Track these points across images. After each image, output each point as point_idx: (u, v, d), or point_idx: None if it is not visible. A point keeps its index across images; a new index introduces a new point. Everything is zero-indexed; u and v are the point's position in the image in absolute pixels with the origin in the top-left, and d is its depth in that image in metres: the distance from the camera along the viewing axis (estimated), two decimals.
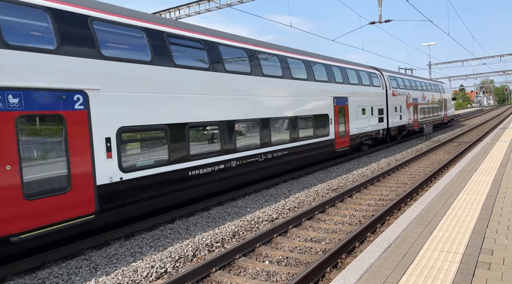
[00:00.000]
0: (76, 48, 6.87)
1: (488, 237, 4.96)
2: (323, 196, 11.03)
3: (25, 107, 6.05)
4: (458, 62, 57.18)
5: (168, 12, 22.71)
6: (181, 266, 6.51)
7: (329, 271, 5.92)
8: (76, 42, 6.90)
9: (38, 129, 6.32)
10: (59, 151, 6.50)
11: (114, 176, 7.33)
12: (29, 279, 6.05)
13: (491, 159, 11.39)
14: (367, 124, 18.88)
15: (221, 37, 10.50)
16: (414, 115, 26.01)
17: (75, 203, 6.59)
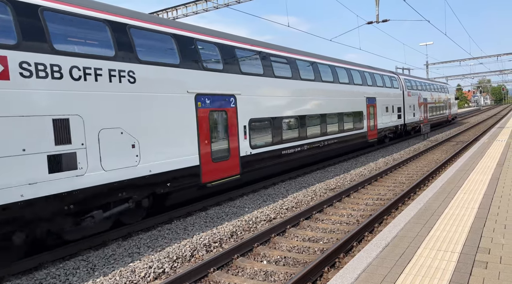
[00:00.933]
0: (231, 68, 10.49)
1: (485, 236, 4.97)
2: (321, 196, 11.04)
3: (212, 106, 9.63)
4: (455, 62, 57.33)
5: (166, 12, 22.67)
6: (179, 266, 6.51)
7: (327, 271, 5.92)
8: (231, 64, 10.56)
9: (217, 119, 9.87)
10: (225, 133, 10.13)
11: (247, 151, 10.88)
12: (26, 279, 6.03)
13: (488, 158, 11.43)
14: (389, 120, 22.14)
15: (296, 53, 14.29)
16: (424, 113, 29.25)
17: (231, 166, 10.19)
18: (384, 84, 21.77)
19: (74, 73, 6.66)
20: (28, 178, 5.97)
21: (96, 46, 7.33)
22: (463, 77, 67.66)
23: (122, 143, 7.40)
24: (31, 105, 6.08)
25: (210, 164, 9.44)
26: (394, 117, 22.93)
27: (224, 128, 10.07)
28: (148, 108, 7.97)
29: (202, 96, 9.31)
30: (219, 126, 9.96)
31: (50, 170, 6.26)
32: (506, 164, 10.15)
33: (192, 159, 8.98)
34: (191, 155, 8.96)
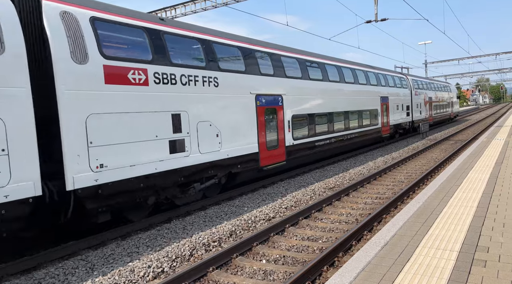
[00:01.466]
0: (279, 73, 12.57)
1: (484, 235, 4.98)
2: (320, 195, 11.04)
3: (266, 104, 11.71)
4: (454, 61, 57.33)
5: (164, 11, 22.63)
6: (178, 265, 6.50)
7: (326, 270, 5.92)
8: (279, 70, 12.58)
9: (269, 115, 11.92)
10: (275, 126, 12.21)
11: (290, 142, 12.92)
12: (25, 279, 6.02)
13: (486, 157, 11.45)
14: (400, 117, 24.17)
15: (325, 58, 16.41)
16: (429, 111, 31.36)
17: (279, 154, 12.29)
18: (395, 84, 23.84)
19: (183, 79, 8.86)
20: (159, 156, 8.21)
21: (195, 59, 9.53)
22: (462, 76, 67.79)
23: (211, 133, 9.65)
24: (160, 103, 8.27)
25: (265, 152, 11.71)
26: (404, 114, 24.90)
27: (274, 122, 12.26)
28: (226, 106, 10.18)
29: (260, 96, 11.51)
30: (271, 121, 12.13)
31: (170, 151, 8.49)
32: (505, 163, 10.17)
33: (254, 147, 11.22)
34: (253, 143, 11.18)
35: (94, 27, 7.32)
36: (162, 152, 8.25)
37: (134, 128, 7.71)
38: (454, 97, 42.90)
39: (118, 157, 7.38)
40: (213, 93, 9.74)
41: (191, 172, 9.05)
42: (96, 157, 7.01)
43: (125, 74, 7.62)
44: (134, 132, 7.71)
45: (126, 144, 7.55)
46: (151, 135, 8.02)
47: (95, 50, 7.19)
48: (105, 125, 7.20)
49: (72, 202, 6.84)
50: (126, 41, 8.08)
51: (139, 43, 8.25)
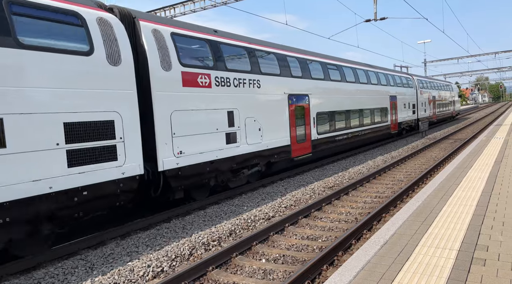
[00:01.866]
0: (305, 75, 14.16)
1: (483, 234, 4.98)
2: (319, 194, 11.05)
3: (296, 102, 13.30)
4: (453, 60, 57.34)
5: (163, 10, 22.60)
6: (178, 265, 6.50)
7: (326, 269, 5.93)
8: (306, 72, 14.22)
9: (298, 112, 13.39)
10: (303, 122, 13.76)
11: (315, 136, 14.55)
12: (24, 279, 6.01)
13: (486, 156, 11.45)
14: (406, 115, 25.73)
15: (342, 61, 18.01)
16: (433, 109, 33.09)
17: (306, 147, 13.91)
18: (402, 84, 25.52)
19: (235, 82, 10.53)
20: (218, 146, 9.92)
21: (242, 64, 11.11)
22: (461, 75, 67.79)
23: (255, 127, 11.33)
24: (219, 102, 9.94)
25: (295, 144, 13.31)
26: (410, 112, 26.55)
27: (302, 118, 13.81)
28: (265, 104, 11.81)
29: (291, 95, 13.10)
30: (300, 117, 13.64)
31: (226, 142, 10.18)
32: (504, 162, 10.18)
33: (287, 140, 12.83)
34: (286, 137, 12.75)
35: (174, 41, 9.05)
36: (221, 143, 10.05)
37: (202, 122, 9.48)
38: (456, 96, 44.91)
39: (191, 146, 9.14)
40: (256, 93, 11.49)
41: (241, 160, 10.83)
42: (177, 145, 8.81)
43: (196, 79, 9.35)
44: (202, 126, 9.48)
45: (197, 135, 9.34)
46: (213, 128, 9.80)
47: (175, 60, 8.90)
48: (183, 119, 8.95)
49: (161, 180, 8.59)
50: (195, 51, 9.89)
51: (204, 52, 10.02)
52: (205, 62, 9.89)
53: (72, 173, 6.62)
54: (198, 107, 9.35)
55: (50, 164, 6.31)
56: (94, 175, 6.96)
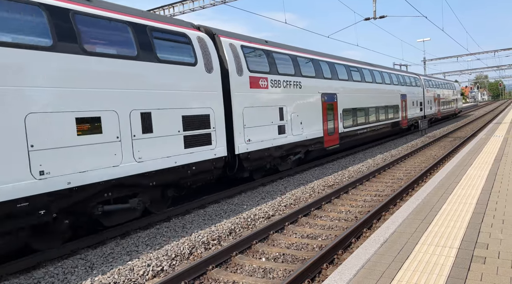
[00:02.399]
0: (334, 76, 16.24)
1: (483, 231, 4.98)
2: (319, 193, 11.04)
3: (327, 100, 15.28)
4: (452, 58, 57.28)
5: (162, 9, 22.56)
6: (178, 264, 6.50)
7: (326, 267, 5.93)
8: (334, 74, 16.25)
9: (329, 109, 15.46)
10: (333, 118, 15.81)
11: (342, 130, 16.62)
12: (24, 279, 6.01)
13: (485, 154, 11.45)
14: (415, 112, 27.77)
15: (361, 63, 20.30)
16: (438, 106, 35.35)
17: (335, 139, 15.84)
18: (411, 83, 27.69)
19: (284, 84, 12.71)
20: (273, 136, 12.13)
21: (288, 69, 13.22)
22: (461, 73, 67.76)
23: (298, 121, 13.40)
24: (273, 100, 12.19)
25: (327, 136, 15.46)
26: (417, 110, 28.62)
27: (332, 114, 15.83)
28: (305, 102, 13.92)
29: (324, 94, 15.24)
30: (330, 113, 15.69)
31: (278, 133, 12.35)
32: (504, 160, 10.18)
33: (320, 132, 15.00)
34: (320, 130, 14.91)
35: (243, 51, 11.25)
36: (274, 133, 12.22)
37: (262, 116, 11.70)
38: (458, 94, 47.38)
39: (256, 135, 11.43)
40: (298, 93, 13.58)
41: (288, 148, 12.98)
42: (247, 134, 11.09)
43: (258, 82, 11.59)
44: (262, 119, 11.69)
45: (259, 126, 11.58)
46: (269, 121, 12.00)
47: (245, 66, 11.15)
48: (250, 114, 11.22)
49: (237, 162, 10.83)
50: (257, 59, 11.99)
51: (263, 60, 12.16)
52: (264, 68, 12.09)
53: (187, 152, 8.95)
54: (259, 104, 11.67)
55: (175, 145, 8.62)
56: (199, 155, 9.29)
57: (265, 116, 11.82)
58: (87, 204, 7.03)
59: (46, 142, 6.24)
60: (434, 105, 33.62)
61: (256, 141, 11.38)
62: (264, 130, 11.75)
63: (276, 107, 12.32)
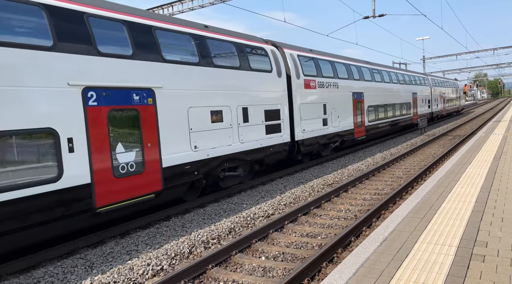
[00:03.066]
0: (362, 77, 19.12)
1: (482, 230, 4.99)
2: (318, 191, 11.05)
3: (356, 98, 18.24)
4: (451, 56, 57.31)
5: (161, 8, 22.53)
6: (177, 263, 6.50)
7: (325, 266, 5.93)
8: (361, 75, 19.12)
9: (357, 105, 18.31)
10: (360, 113, 18.45)
11: (367, 123, 19.21)
12: (24, 278, 6.01)
13: (485, 152, 11.46)
14: (423, 109, 30.57)
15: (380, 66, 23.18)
16: (443, 104, 38.41)
17: (362, 131, 18.57)
18: (420, 83, 30.47)
19: (326, 85, 15.50)
20: (319, 127, 14.91)
21: (329, 72, 16.10)
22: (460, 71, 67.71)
23: (335, 115, 16.25)
24: (319, 98, 14.95)
25: (356, 128, 18.15)
26: (426, 107, 31.43)
27: (359, 109, 18.56)
28: (340, 99, 16.67)
29: (354, 93, 18.08)
30: (358, 108, 18.38)
31: (322, 125, 15.13)
32: (503, 158, 10.18)
33: (351, 125, 17.67)
34: (351, 123, 17.64)
35: (299, 60, 14.18)
36: (320, 125, 15.05)
37: (311, 111, 14.47)
38: (461, 92, 50.50)
39: (308, 126, 14.22)
40: (336, 92, 16.37)
41: (329, 137, 15.86)
42: (302, 125, 13.87)
43: (309, 83, 14.47)
44: (311, 113, 14.50)
45: (310, 119, 14.38)
46: (316, 115, 14.85)
47: (301, 71, 14.00)
48: (304, 109, 14.07)
49: (296, 147, 13.69)
50: (308, 65, 14.79)
51: (312, 66, 15.00)
52: (313, 72, 14.89)
53: (267, 137, 11.86)
54: (310, 101, 14.48)
55: (260, 132, 11.55)
56: (274, 139, 12.16)
57: (313, 111, 14.68)
58: (215, 170, 9.96)
59: (197, 127, 9.24)
60: (440, 103, 36.57)
61: (308, 130, 14.33)
62: (313, 122, 14.63)
63: (321, 104, 15.24)
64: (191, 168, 9.04)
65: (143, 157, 7.84)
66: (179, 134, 8.74)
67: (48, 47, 6.37)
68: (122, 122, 7.58)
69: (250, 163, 11.44)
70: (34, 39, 6.29)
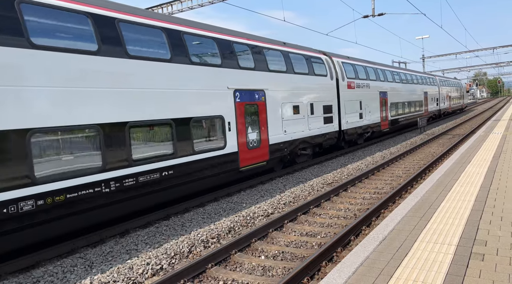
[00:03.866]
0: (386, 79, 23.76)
1: (481, 228, 4.99)
2: (318, 191, 11.05)
3: (382, 96, 22.20)
4: (451, 55, 57.30)
5: (161, 7, 22.48)
6: (177, 262, 6.50)
7: (325, 265, 5.93)
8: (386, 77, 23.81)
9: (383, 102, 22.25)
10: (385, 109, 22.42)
11: (390, 118, 22.95)
12: (23, 278, 6.01)
13: (484, 151, 11.46)
14: (433, 106, 34.40)
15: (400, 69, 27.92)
16: (449, 102, 42.16)
17: (386, 124, 22.61)
18: (430, 83, 34.17)
19: (361, 86, 19.11)
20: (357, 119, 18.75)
21: (363, 74, 19.52)
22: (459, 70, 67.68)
23: (367, 110, 19.59)
24: (356, 96, 18.67)
25: (382, 122, 21.76)
26: (434, 104, 35.08)
27: (384, 106, 22.10)
28: (370, 97, 20.11)
29: (380, 92, 21.64)
30: (383, 105, 21.99)
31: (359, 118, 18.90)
32: (502, 157, 10.19)
33: (378, 118, 21.23)
34: (378, 117, 21.19)
35: (343, 65, 17.56)
36: (358, 118, 18.67)
37: (352, 107, 18.00)
38: (465, 91, 54.96)
39: (349, 118, 17.79)
40: (367, 91, 19.93)
41: (364, 128, 19.45)
42: (346, 118, 17.34)
43: (350, 84, 18.00)
44: (352, 108, 18.03)
45: (351, 113, 17.87)
46: (355, 110, 18.33)
47: (344, 75, 17.46)
48: (347, 105, 17.57)
49: (342, 135, 17.12)
50: (349, 70, 18.23)
51: (352, 70, 18.44)
52: (352, 75, 18.35)
53: (324, 126, 15.47)
54: (351, 98, 18.03)
55: (320, 122, 15.15)
56: (328, 128, 15.88)
57: (353, 107, 18.21)
58: (295, 148, 13.70)
59: (286, 117, 13.01)
60: (447, 101, 40.58)
61: (350, 122, 17.90)
62: (353, 115, 18.19)
63: (358, 101, 18.69)
64: (283, 146, 12.85)
65: (260, 137, 11.74)
66: (277, 121, 12.59)
67: (218, 64, 10.22)
68: (250, 113, 11.34)
69: (313, 146, 15.20)
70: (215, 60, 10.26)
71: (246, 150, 10.92)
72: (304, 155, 14.89)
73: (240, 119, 10.78)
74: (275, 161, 12.83)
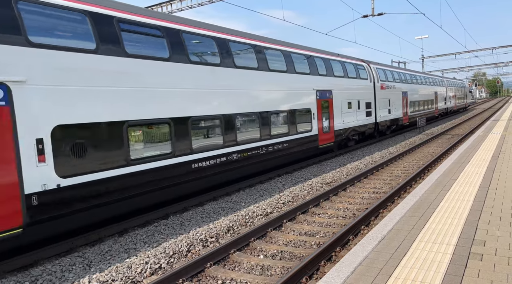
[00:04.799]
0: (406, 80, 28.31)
1: (480, 228, 4.99)
2: (317, 190, 11.05)
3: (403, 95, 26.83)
4: (450, 55, 57.33)
5: (160, 6, 22.46)
6: (176, 261, 6.50)
7: (324, 264, 5.93)
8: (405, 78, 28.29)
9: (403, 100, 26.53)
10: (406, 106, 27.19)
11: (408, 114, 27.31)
12: (21, 276, 6.00)
13: (483, 151, 11.47)
14: (441, 105, 38.84)
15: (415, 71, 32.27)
16: (455, 101, 46.74)
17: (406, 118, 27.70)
18: (439, 84, 38.30)
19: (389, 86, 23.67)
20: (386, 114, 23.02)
21: (390, 77, 24.04)
22: (459, 70, 67.71)
23: (394, 107, 24.04)
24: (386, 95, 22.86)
25: (404, 117, 25.64)
26: (443, 103, 39.46)
27: (405, 103, 25.88)
28: (395, 96, 24.34)
29: (403, 92, 25.57)
30: (405, 102, 25.84)
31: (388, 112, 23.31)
32: (501, 157, 10.19)
33: (401, 114, 25.08)
34: (401, 112, 25.05)
35: (377, 71, 21.79)
36: (387, 113, 22.66)
37: (383, 104, 22.07)
38: (467, 91, 59.42)
39: (382, 113, 21.87)
40: (394, 91, 23.90)
41: (391, 121, 23.34)
42: (379, 113, 21.48)
43: (382, 86, 22.10)
44: (383, 105, 22.14)
45: (383, 109, 22.03)
46: (384, 106, 22.26)
47: (378, 78, 21.67)
48: (380, 102, 21.49)
49: (377, 126, 21.33)
50: (382, 74, 22.27)
51: (383, 74, 22.36)
52: (383, 78, 22.22)
53: (366, 119, 19.75)
54: (382, 97, 21.78)
55: (363, 115, 19.31)
56: (368, 120, 19.92)
57: (384, 104, 22.19)
58: (348, 134, 17.75)
59: (344, 110, 17.14)
60: (453, 100, 44.99)
61: (382, 116, 21.98)
62: (384, 111, 22.26)
63: (387, 99, 22.69)
64: (342, 132, 17.01)
65: (329, 124, 15.86)
66: (338, 113, 16.66)
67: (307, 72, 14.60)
68: (324, 107, 15.44)
69: (358, 134, 19.12)
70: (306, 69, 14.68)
71: (322, 133, 15.26)
72: (353, 139, 18.95)
73: (319, 110, 15.02)
74: (336, 144, 16.83)
